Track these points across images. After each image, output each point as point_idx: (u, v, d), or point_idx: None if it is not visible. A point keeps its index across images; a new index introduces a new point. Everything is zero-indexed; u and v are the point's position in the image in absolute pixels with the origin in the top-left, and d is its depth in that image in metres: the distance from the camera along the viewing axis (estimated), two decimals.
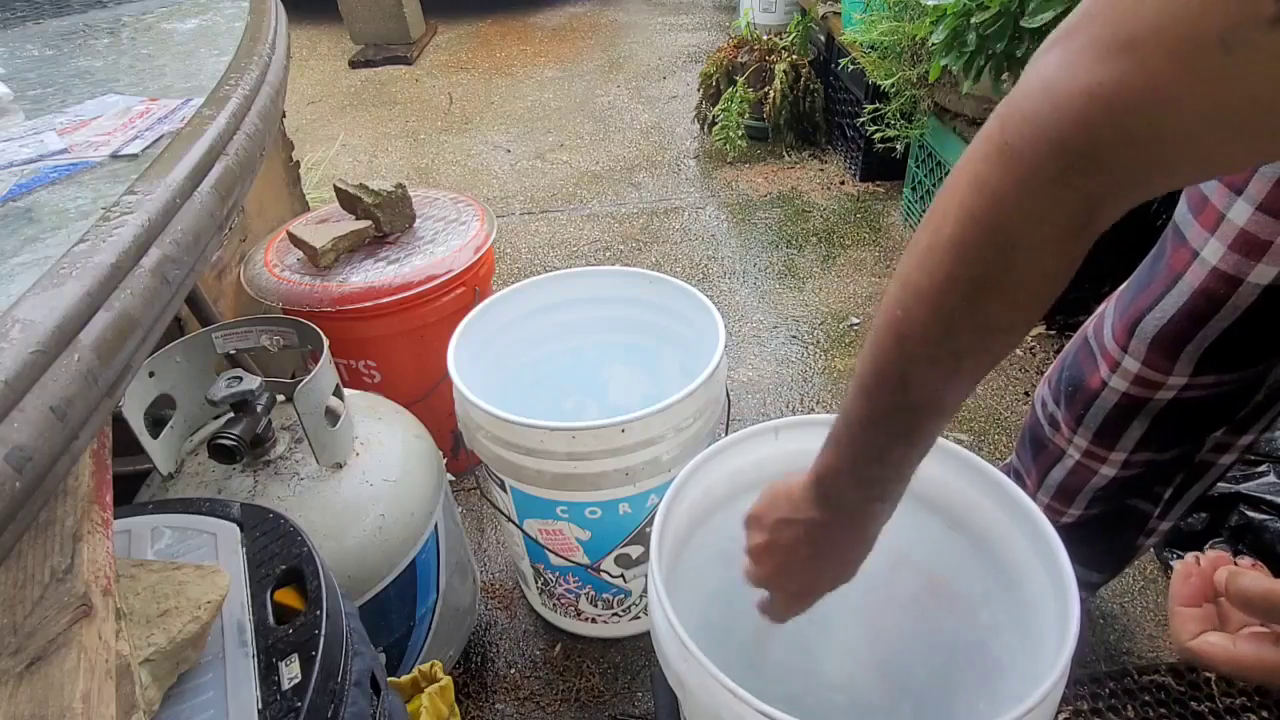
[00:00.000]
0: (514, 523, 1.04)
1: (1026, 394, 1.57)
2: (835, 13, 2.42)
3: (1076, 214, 0.37)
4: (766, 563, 0.62)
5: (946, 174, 1.83)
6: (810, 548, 0.58)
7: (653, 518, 0.71)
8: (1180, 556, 1.04)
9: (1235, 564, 0.44)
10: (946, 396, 0.47)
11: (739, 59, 2.56)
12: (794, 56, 2.50)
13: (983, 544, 0.74)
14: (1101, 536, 0.97)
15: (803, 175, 2.47)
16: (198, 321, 1.03)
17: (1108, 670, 1.10)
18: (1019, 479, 0.98)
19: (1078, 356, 0.88)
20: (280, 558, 0.64)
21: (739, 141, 2.45)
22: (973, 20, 1.38)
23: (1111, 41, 0.33)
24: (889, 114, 1.93)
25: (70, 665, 0.41)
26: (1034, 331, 1.71)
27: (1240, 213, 0.68)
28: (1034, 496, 0.86)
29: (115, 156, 0.65)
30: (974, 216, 0.39)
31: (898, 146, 1.96)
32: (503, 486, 1.00)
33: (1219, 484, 0.99)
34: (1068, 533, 0.83)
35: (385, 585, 0.86)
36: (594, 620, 1.14)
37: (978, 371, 0.45)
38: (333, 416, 0.86)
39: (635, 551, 1.03)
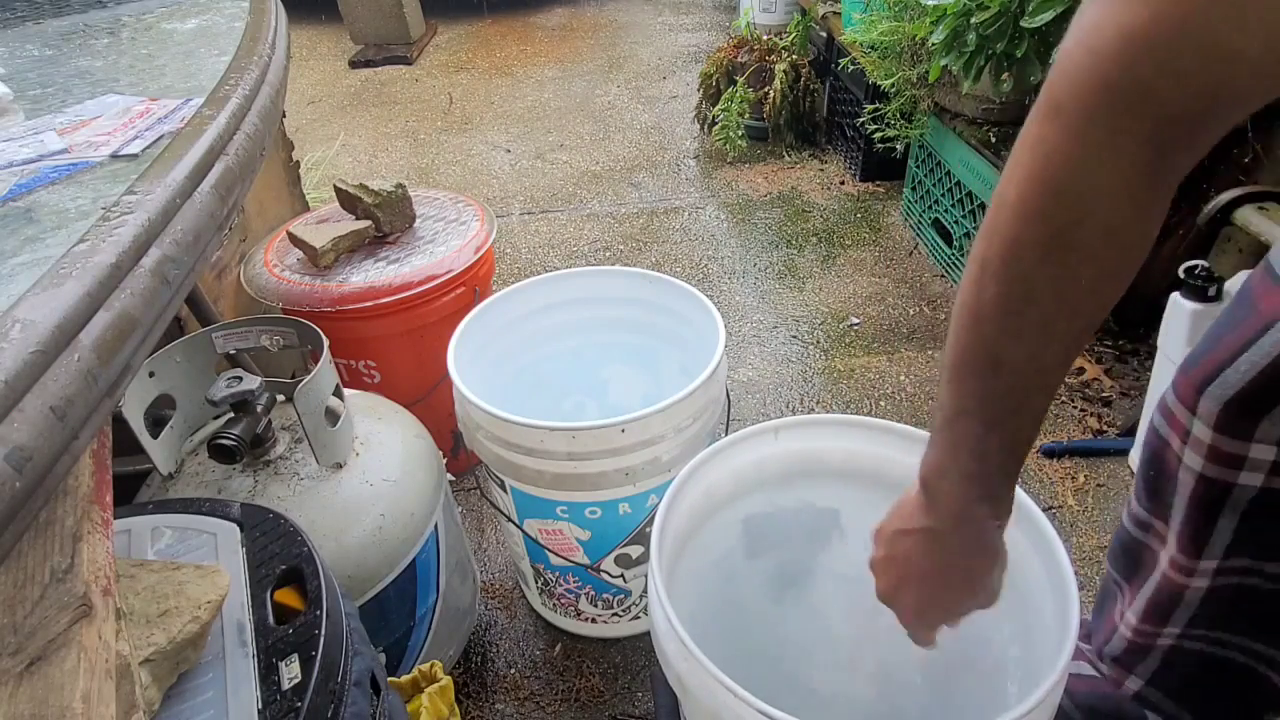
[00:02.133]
0: (514, 523, 1.04)
1: None
2: (835, 13, 2.42)
3: (1139, 157, 0.36)
4: (886, 577, 0.58)
5: (946, 174, 1.84)
6: (926, 559, 0.54)
7: (653, 518, 0.71)
8: None
9: None
10: (1044, 368, 0.43)
11: (739, 59, 2.56)
12: (794, 56, 2.50)
13: None
14: (1219, 694, 0.77)
15: (803, 175, 2.47)
16: (198, 321, 1.03)
17: None
18: (1112, 597, 0.80)
19: (1153, 426, 0.72)
20: (280, 558, 0.64)
21: (739, 141, 2.45)
22: (973, 20, 1.38)
23: None
24: (889, 114, 1.93)
25: (70, 665, 0.40)
26: None
27: None
28: (1123, 616, 0.76)
29: (115, 156, 0.65)
30: (1033, 176, 0.38)
31: (898, 146, 1.96)
32: (503, 486, 1.00)
33: None
34: (1175, 672, 0.75)
35: (385, 585, 0.86)
36: (594, 620, 1.14)
37: (1070, 337, 0.42)
38: (333, 416, 0.86)
39: (635, 551, 1.03)
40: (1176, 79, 0.33)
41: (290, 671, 0.55)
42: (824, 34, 2.51)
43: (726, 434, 0.80)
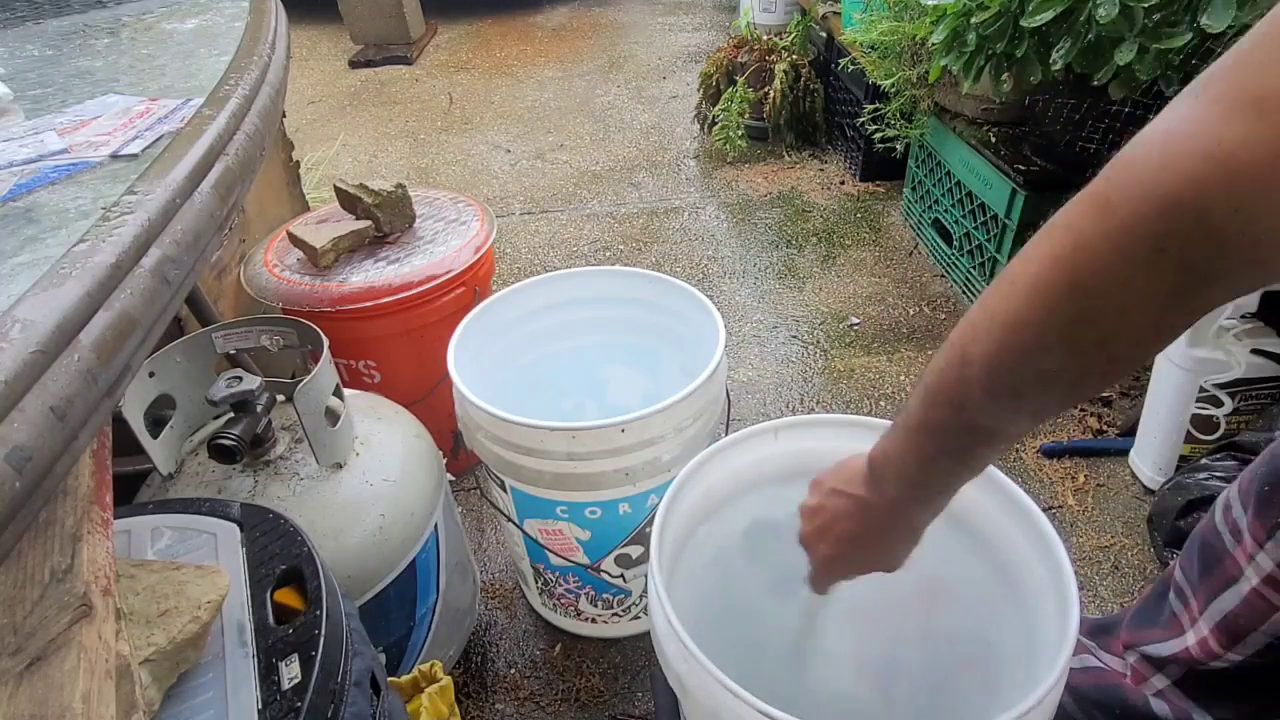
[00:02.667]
0: (514, 523, 1.04)
1: None
2: (835, 13, 2.42)
3: (1173, 286, 0.33)
4: (811, 523, 0.62)
5: (946, 174, 1.84)
6: (851, 522, 0.58)
7: (653, 518, 0.71)
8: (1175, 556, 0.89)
9: None
10: (1001, 429, 0.45)
11: (739, 59, 2.56)
12: (794, 56, 2.50)
13: (983, 543, 0.74)
14: (1240, 692, 0.77)
15: (803, 175, 2.47)
16: (198, 321, 1.03)
17: None
18: (1180, 596, 0.78)
19: None
20: (280, 558, 0.64)
21: (739, 141, 2.45)
22: (973, 20, 1.38)
23: (1241, 97, 0.29)
24: (889, 114, 1.93)
25: (70, 665, 0.40)
26: None
27: None
28: (1193, 623, 0.75)
29: (115, 156, 0.65)
30: (1059, 264, 0.36)
31: (898, 146, 1.96)
32: (503, 486, 1.00)
33: None
34: (1210, 677, 0.75)
35: (385, 585, 0.86)
36: (594, 620, 1.14)
37: (1039, 414, 0.43)
38: (333, 416, 0.86)
39: (635, 551, 1.03)
40: (1242, 220, 0.30)
41: (290, 671, 0.55)
42: (824, 34, 2.51)
43: (726, 434, 0.80)
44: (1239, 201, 0.30)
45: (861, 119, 2.04)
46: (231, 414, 0.82)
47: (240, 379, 0.81)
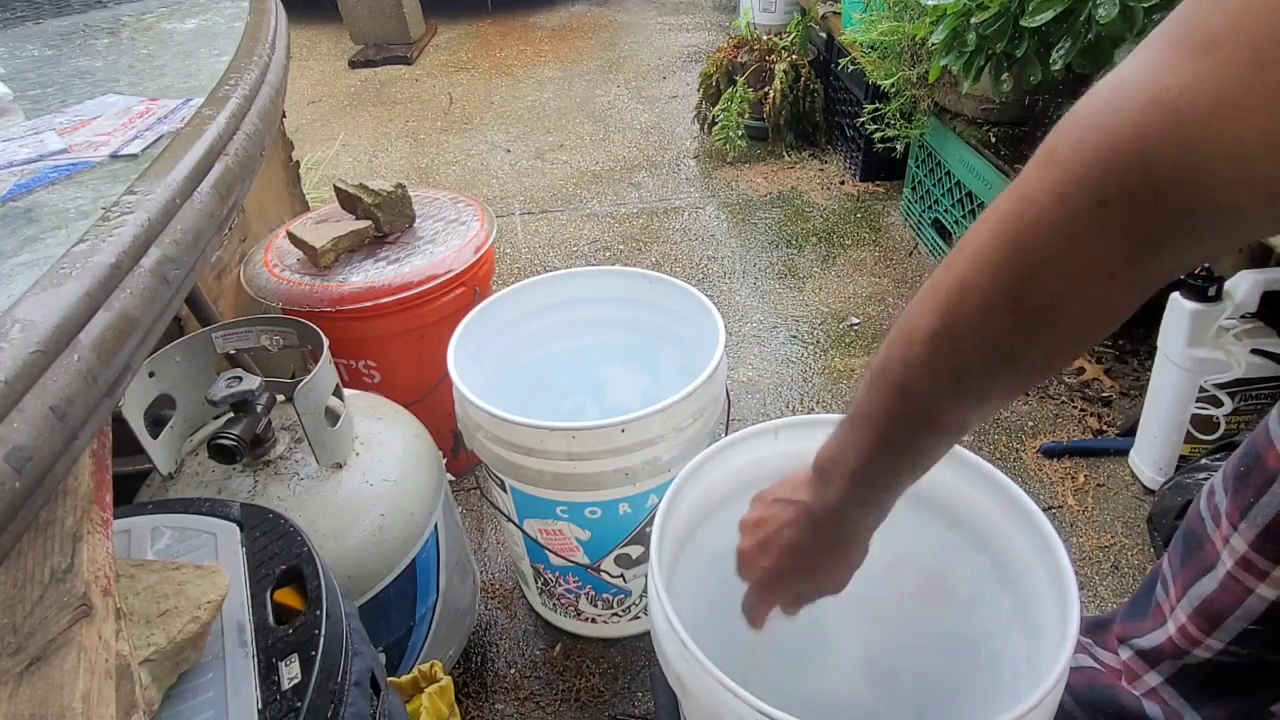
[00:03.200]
0: (514, 523, 1.04)
1: (1041, 395, 1.57)
2: (835, 13, 2.42)
3: (1120, 247, 0.31)
4: (751, 537, 0.58)
5: (946, 174, 1.84)
6: (793, 530, 0.54)
7: (653, 518, 0.71)
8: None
9: None
10: (944, 416, 0.42)
11: (739, 59, 2.56)
12: (794, 56, 2.50)
13: (983, 543, 0.74)
14: (1232, 690, 0.75)
15: (803, 175, 2.47)
16: (198, 321, 1.03)
17: None
18: (1164, 585, 0.77)
19: (1264, 426, 0.68)
20: (280, 558, 0.64)
21: (739, 141, 2.46)
22: (973, 20, 1.38)
23: (1190, 39, 0.28)
24: (889, 114, 1.93)
25: (70, 665, 0.40)
26: None
27: None
28: (1172, 611, 0.74)
29: (115, 156, 0.65)
30: (1003, 218, 0.34)
31: (898, 146, 1.96)
32: (503, 486, 1.00)
33: None
34: (1198, 672, 0.75)
35: (385, 585, 0.86)
36: (594, 620, 1.14)
37: (984, 399, 0.40)
38: (333, 416, 0.86)
39: (635, 551, 1.03)
40: (1190, 168, 0.28)
41: (290, 671, 0.55)
42: (824, 34, 2.51)
43: (726, 434, 0.80)
44: (1183, 147, 0.28)
45: (861, 119, 2.04)
46: (231, 414, 0.82)
47: (240, 379, 0.81)
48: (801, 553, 0.55)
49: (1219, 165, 0.27)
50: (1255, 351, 1.18)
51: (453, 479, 1.08)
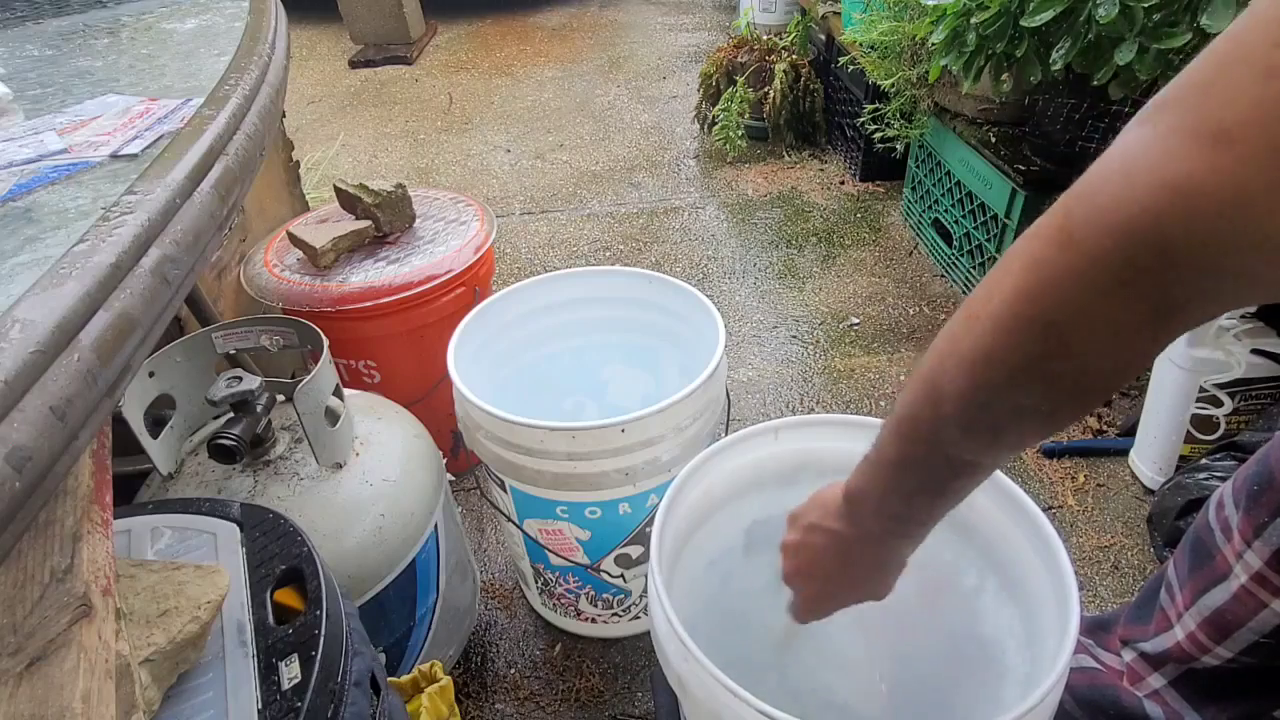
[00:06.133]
0: (514, 523, 1.04)
1: None
2: (835, 13, 2.42)
3: (1141, 315, 0.33)
4: (792, 561, 0.62)
5: (946, 174, 1.84)
6: (832, 558, 0.57)
7: (653, 518, 0.71)
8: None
9: None
10: (980, 462, 0.44)
11: (739, 59, 2.56)
12: (794, 56, 2.50)
13: (983, 544, 0.74)
14: (1236, 694, 0.76)
15: (803, 175, 2.47)
16: (198, 321, 1.03)
17: None
18: (1169, 591, 0.79)
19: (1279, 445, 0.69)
20: (280, 558, 0.64)
21: (739, 141, 2.46)
22: (973, 20, 1.38)
23: (1202, 128, 0.29)
24: (889, 114, 1.93)
25: (70, 665, 0.40)
26: None
27: None
28: (1179, 618, 0.76)
29: (115, 156, 0.65)
30: (1022, 297, 0.36)
31: (898, 146, 1.96)
32: (503, 486, 1.00)
33: None
34: (1203, 676, 0.76)
35: (385, 585, 0.86)
36: (594, 620, 1.14)
37: (1019, 445, 0.43)
38: (333, 416, 0.86)
39: (635, 551, 1.03)
40: (1207, 251, 0.29)
41: (290, 671, 0.55)
42: (824, 34, 2.51)
43: (726, 434, 0.80)
44: (1200, 234, 0.29)
45: (861, 119, 2.04)
46: (231, 414, 0.82)
47: (240, 379, 0.81)
48: (840, 578, 0.58)
49: (1239, 251, 0.29)
50: (1255, 351, 1.18)
51: (453, 479, 1.08)
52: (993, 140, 1.67)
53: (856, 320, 1.82)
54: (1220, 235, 0.29)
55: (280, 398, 0.90)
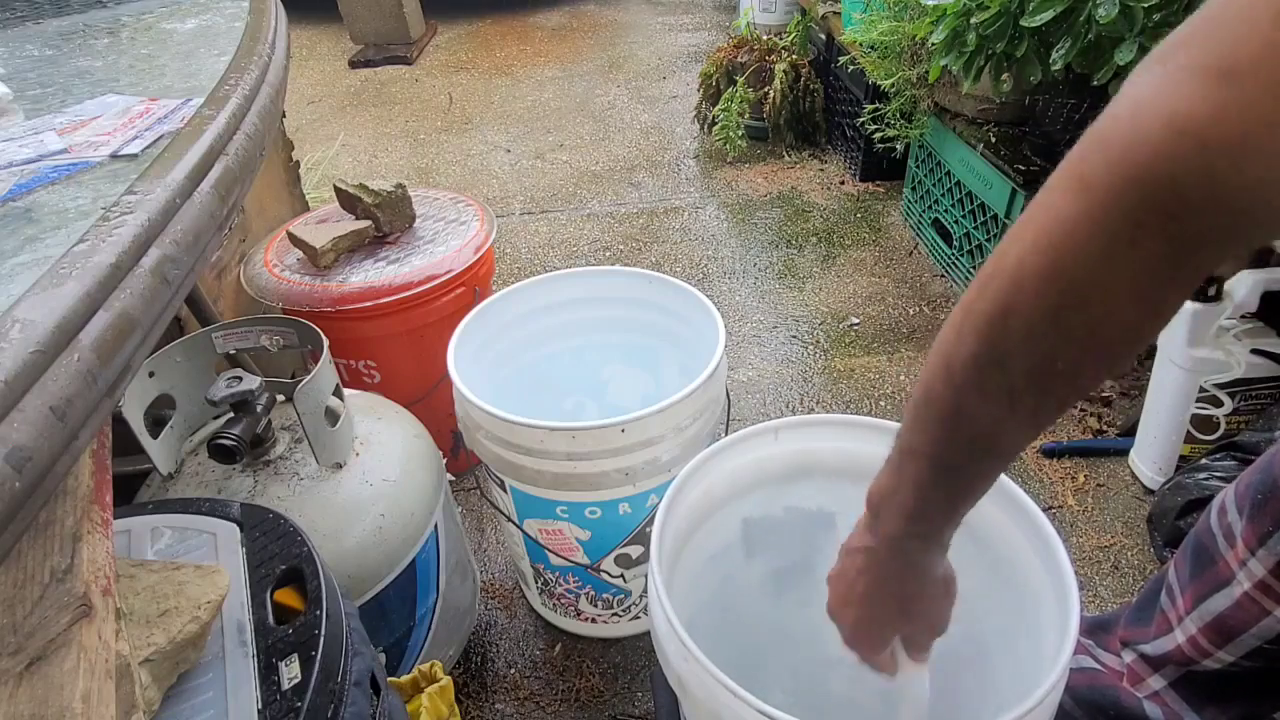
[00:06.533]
0: (514, 523, 1.04)
1: None
2: (835, 13, 2.42)
3: (1159, 258, 0.32)
4: (835, 592, 0.58)
5: (946, 174, 1.84)
6: (867, 578, 0.54)
7: (653, 518, 0.71)
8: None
9: None
10: (999, 437, 0.42)
11: (739, 59, 2.56)
12: (794, 56, 2.50)
13: (982, 544, 0.74)
14: (1236, 696, 0.77)
15: (803, 175, 2.47)
16: (198, 321, 1.03)
17: None
18: (1170, 594, 0.79)
19: None
20: (280, 558, 0.64)
21: (739, 141, 2.45)
22: (973, 20, 1.38)
23: (1208, 67, 0.29)
24: (889, 114, 1.93)
25: (70, 665, 0.40)
26: None
27: None
28: (1180, 622, 0.75)
29: (115, 156, 0.65)
30: (1040, 248, 0.35)
31: (898, 146, 1.96)
32: (503, 486, 1.00)
33: None
34: (1203, 678, 0.76)
35: (385, 585, 0.86)
36: (594, 620, 1.14)
37: (1038, 416, 0.40)
38: (333, 416, 0.86)
39: (635, 551, 1.03)
40: (1218, 190, 0.29)
41: (290, 671, 0.55)
42: (824, 34, 2.51)
43: (726, 434, 0.80)
44: (1213, 173, 0.29)
45: (861, 119, 2.04)
46: (231, 414, 0.82)
47: (240, 379, 0.81)
48: (877, 598, 0.55)
49: (1248, 191, 0.29)
50: (1255, 351, 1.18)
51: (453, 479, 1.08)
52: (993, 140, 1.67)
53: (856, 320, 1.82)
54: (1230, 174, 0.29)
55: (280, 398, 0.90)
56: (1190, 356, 1.18)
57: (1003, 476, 0.70)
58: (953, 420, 0.42)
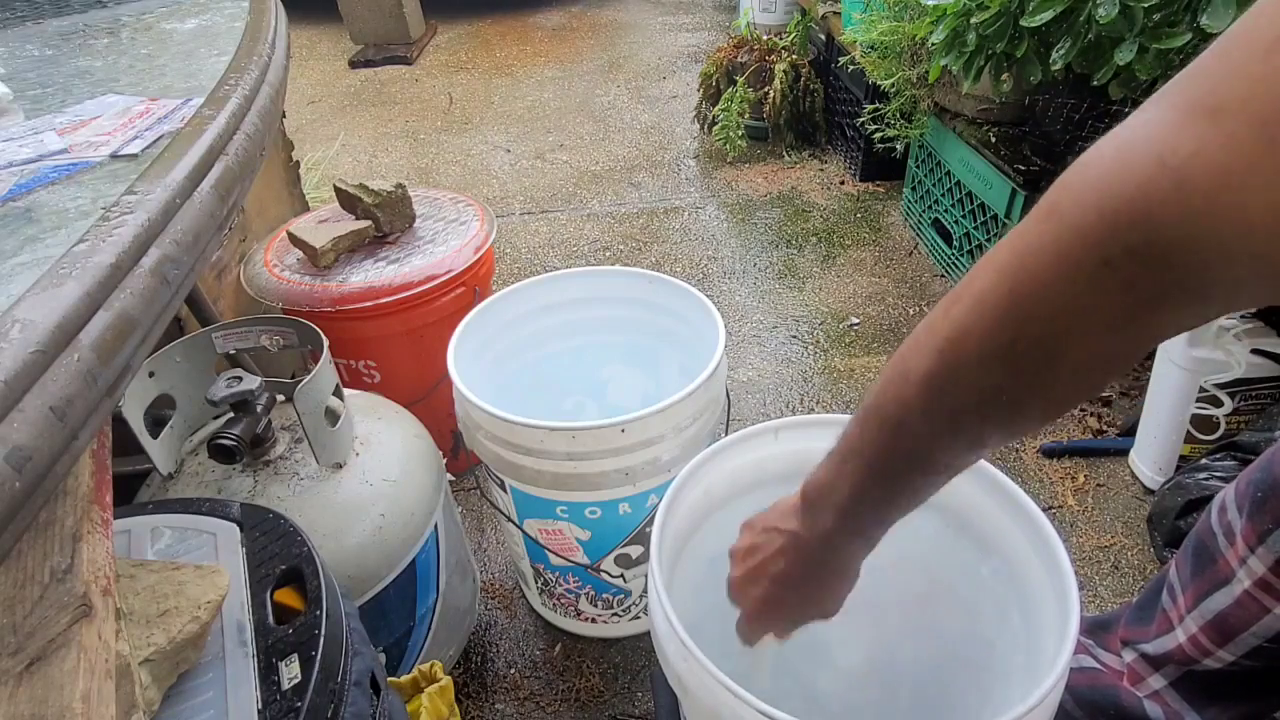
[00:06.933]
0: (514, 523, 1.04)
1: None
2: (835, 13, 2.42)
3: (1120, 304, 0.31)
4: (741, 566, 0.59)
5: (946, 174, 1.84)
6: (784, 560, 0.55)
7: (653, 518, 0.71)
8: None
9: None
10: (936, 457, 0.42)
11: (739, 59, 2.56)
12: (794, 56, 2.50)
13: (982, 543, 0.74)
14: (1237, 695, 0.77)
15: (803, 175, 2.47)
16: (198, 321, 1.03)
17: None
18: (1170, 593, 0.79)
19: None
20: (280, 558, 0.64)
21: (739, 141, 2.45)
22: (972, 20, 1.38)
23: (1197, 104, 0.28)
24: (889, 114, 1.93)
25: (70, 665, 0.40)
26: None
27: None
28: (1181, 621, 0.75)
29: (115, 156, 0.65)
30: (1003, 273, 0.34)
31: (897, 146, 1.96)
32: (503, 486, 1.00)
33: None
34: (1204, 678, 0.76)
35: (385, 585, 0.86)
36: (594, 620, 1.14)
37: (977, 441, 0.40)
38: (333, 416, 0.86)
39: (635, 551, 1.03)
40: (1190, 231, 0.28)
41: (290, 671, 0.55)
42: (824, 34, 2.51)
43: (726, 434, 0.80)
44: (1188, 214, 0.28)
45: (861, 119, 2.04)
46: (231, 414, 0.82)
47: (240, 379, 0.81)
48: (791, 582, 0.56)
49: (1223, 236, 0.27)
50: (1255, 351, 1.18)
51: (453, 479, 1.08)
52: (993, 140, 1.67)
53: (856, 320, 1.82)
54: (1205, 218, 0.27)
55: (280, 398, 0.90)
56: (1190, 356, 1.18)
57: (1003, 477, 0.70)
58: (896, 430, 0.42)
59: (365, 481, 0.87)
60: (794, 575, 0.55)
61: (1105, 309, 0.31)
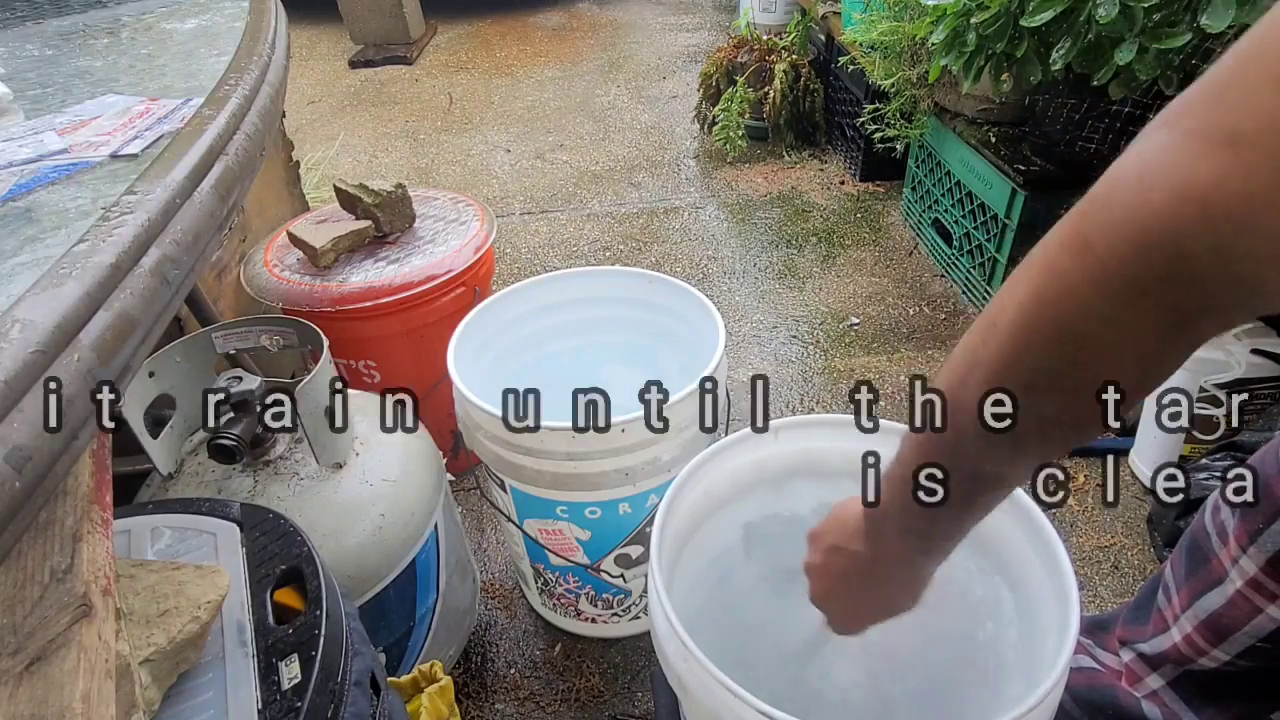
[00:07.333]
0: (514, 523, 1.04)
1: None
2: (835, 13, 2.42)
3: (1162, 325, 0.33)
4: (819, 583, 0.61)
5: (946, 174, 1.84)
6: (857, 580, 0.57)
7: (653, 518, 0.71)
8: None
9: None
10: (1005, 475, 0.44)
11: (739, 59, 2.56)
12: (794, 56, 2.50)
13: (983, 544, 0.74)
14: (1234, 695, 0.77)
15: (803, 175, 2.47)
16: (198, 321, 1.03)
17: None
18: (1165, 593, 0.80)
19: (1273, 453, 0.70)
20: (280, 558, 0.64)
21: (739, 141, 2.45)
22: (972, 20, 1.38)
23: (1214, 131, 0.29)
24: (889, 114, 1.93)
25: (70, 665, 0.40)
26: None
27: None
28: (1175, 620, 0.76)
29: (115, 156, 0.65)
30: (1041, 303, 0.35)
31: (898, 146, 1.96)
32: (503, 486, 1.00)
33: None
34: (1200, 677, 0.76)
35: (385, 585, 0.86)
36: (594, 620, 1.14)
37: (1043, 456, 0.42)
38: (337, 418, 0.86)
39: (635, 551, 1.03)
40: (1222, 257, 0.29)
41: (290, 671, 0.55)
42: (824, 34, 2.51)
43: (726, 434, 0.80)
44: (1216, 241, 0.29)
45: (861, 119, 2.04)
46: (231, 414, 0.82)
47: (240, 379, 0.81)
48: (869, 596, 0.59)
49: (1253, 257, 0.29)
50: (1255, 351, 1.18)
51: (453, 479, 1.08)
52: (993, 140, 1.67)
53: (856, 320, 1.82)
54: (1234, 242, 0.28)
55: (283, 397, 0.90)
56: (1190, 356, 1.18)
57: None
58: (957, 458, 0.43)
59: (365, 481, 0.87)
60: (870, 592, 0.58)
61: (1150, 328, 0.33)
